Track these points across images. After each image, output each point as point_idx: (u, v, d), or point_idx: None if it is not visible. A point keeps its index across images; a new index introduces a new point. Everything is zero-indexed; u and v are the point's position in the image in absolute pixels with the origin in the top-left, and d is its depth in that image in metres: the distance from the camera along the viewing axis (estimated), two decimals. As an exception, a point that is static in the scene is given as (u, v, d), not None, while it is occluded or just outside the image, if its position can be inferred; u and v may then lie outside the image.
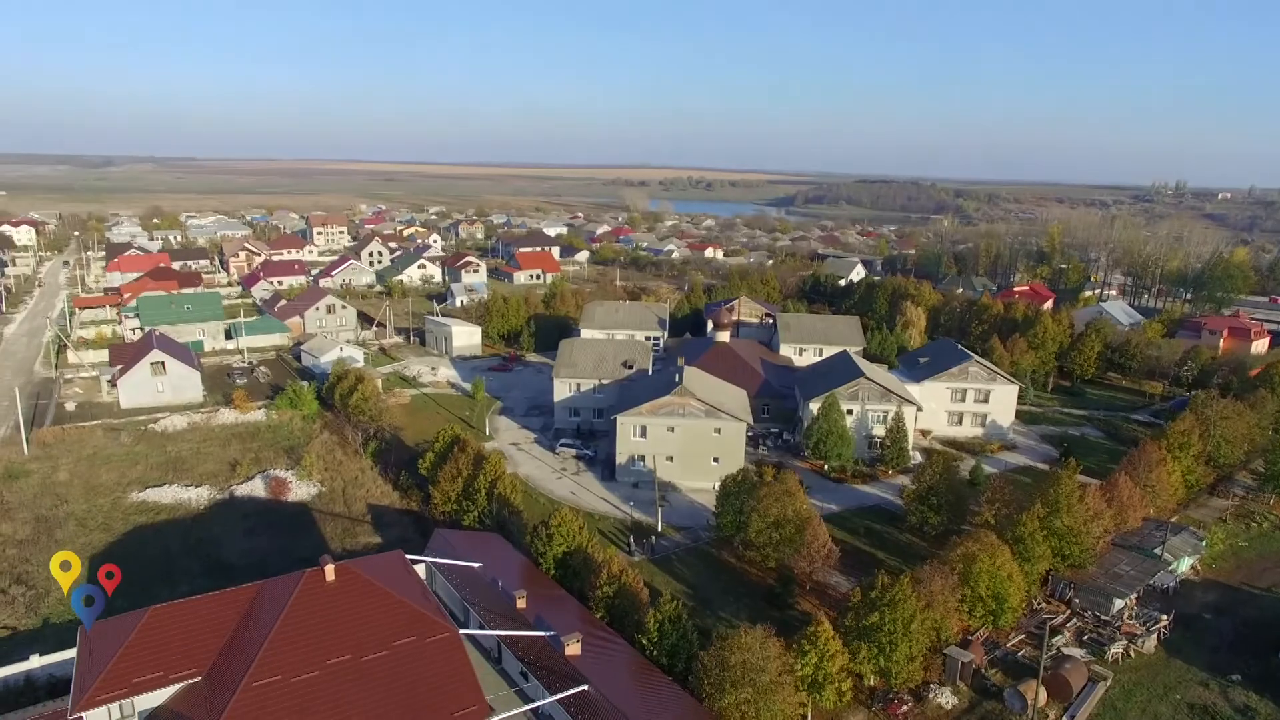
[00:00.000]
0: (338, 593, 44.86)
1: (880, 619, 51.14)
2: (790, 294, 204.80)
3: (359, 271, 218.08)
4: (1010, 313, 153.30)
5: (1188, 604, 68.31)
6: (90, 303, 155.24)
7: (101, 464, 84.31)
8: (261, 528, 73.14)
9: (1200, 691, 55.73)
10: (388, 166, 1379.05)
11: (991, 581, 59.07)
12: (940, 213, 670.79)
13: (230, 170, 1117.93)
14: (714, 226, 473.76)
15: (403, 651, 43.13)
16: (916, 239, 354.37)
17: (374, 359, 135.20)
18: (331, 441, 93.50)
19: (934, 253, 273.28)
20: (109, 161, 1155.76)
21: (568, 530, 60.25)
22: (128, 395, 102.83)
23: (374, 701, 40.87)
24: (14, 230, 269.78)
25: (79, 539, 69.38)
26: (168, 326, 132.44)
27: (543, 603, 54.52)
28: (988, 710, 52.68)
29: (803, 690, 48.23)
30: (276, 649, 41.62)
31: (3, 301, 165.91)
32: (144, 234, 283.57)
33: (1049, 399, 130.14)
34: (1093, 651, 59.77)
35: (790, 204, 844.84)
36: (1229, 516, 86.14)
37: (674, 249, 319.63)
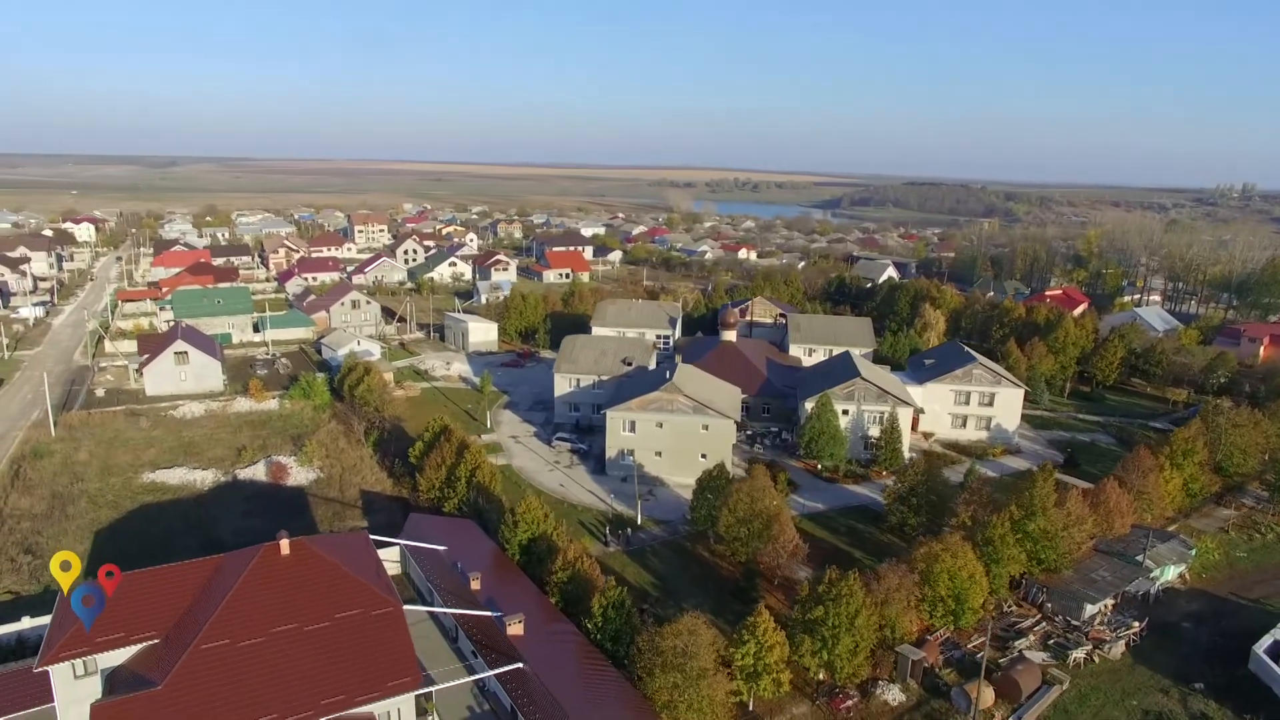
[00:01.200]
0: (291, 566, 47.39)
1: (825, 613, 51.75)
2: (815, 295, 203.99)
3: (391, 269, 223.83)
4: (1032, 317, 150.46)
5: (1168, 612, 67.06)
6: (133, 296, 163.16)
7: (119, 446, 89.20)
8: (259, 509, 76.65)
9: (1159, 698, 54.93)
10: (437, 167, 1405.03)
11: (952, 582, 59.07)
12: (989, 216, 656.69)
13: (285, 170, 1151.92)
14: (753, 228, 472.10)
15: (346, 622, 45.41)
16: (956, 242, 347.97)
17: (392, 353, 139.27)
18: (337, 430, 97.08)
19: (969, 256, 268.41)
20: (173, 162, 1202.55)
21: (532, 518, 62.07)
22: (153, 383, 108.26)
23: (313, 667, 43.17)
24: (76, 227, 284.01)
25: (89, 514, 73.82)
26: (199, 319, 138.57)
27: (499, 586, 56.48)
28: (934, 709, 52.81)
29: (740, 679, 49.29)
30: (228, 615, 44.26)
31: (55, 295, 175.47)
32: (193, 231, 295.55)
33: (1065, 404, 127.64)
34: (1056, 655, 59.24)
35: (836, 206, 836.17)
36: (1231, 527, 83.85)
37: (707, 250, 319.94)
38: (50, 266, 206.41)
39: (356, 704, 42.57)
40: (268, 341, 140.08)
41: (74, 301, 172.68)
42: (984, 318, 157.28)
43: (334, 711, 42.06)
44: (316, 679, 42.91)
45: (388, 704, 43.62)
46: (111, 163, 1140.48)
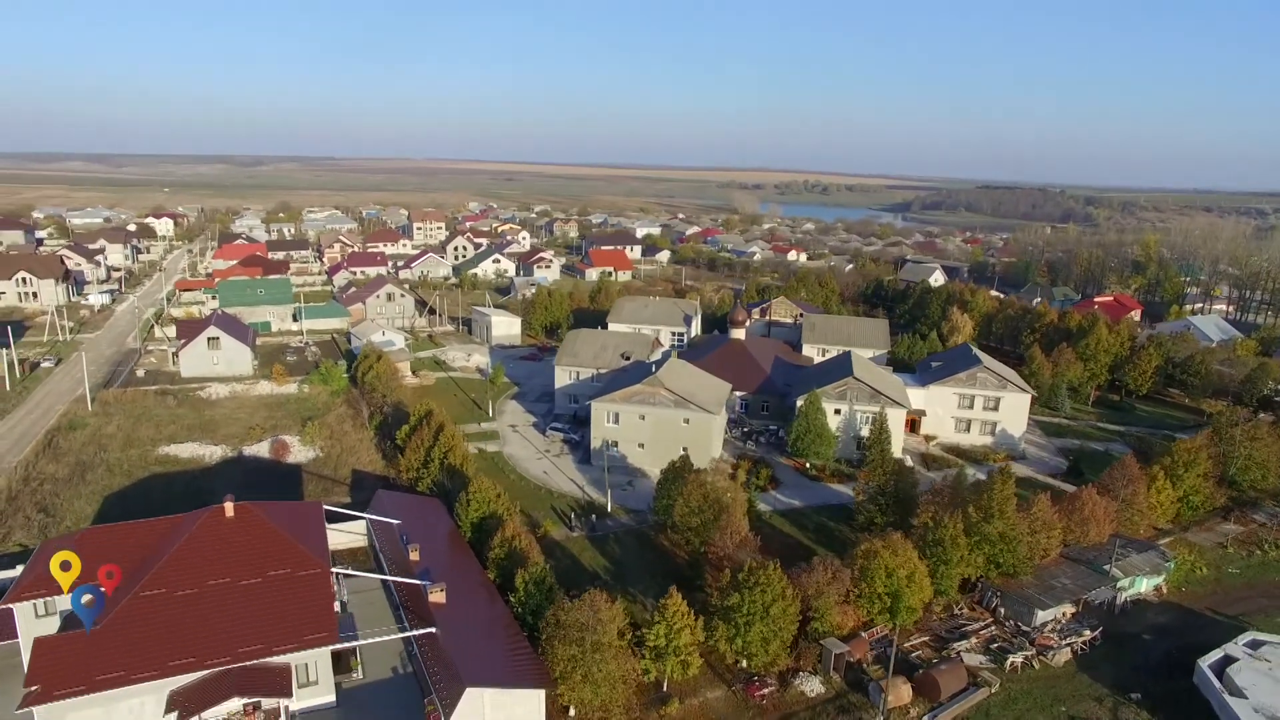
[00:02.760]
0: (233, 526, 51.45)
1: (740, 600, 52.81)
2: (852, 298, 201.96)
3: (437, 264, 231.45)
4: (1064, 322, 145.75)
5: (1132, 623, 65.26)
6: (191, 285, 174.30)
7: (145, 421, 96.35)
8: (256, 482, 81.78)
9: (1090, 706, 53.85)
10: (509, 166, 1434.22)
11: (889, 579, 59.04)
12: (1066, 221, 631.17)
13: (364, 169, 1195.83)
14: (811, 230, 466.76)
15: (275, 580, 49.13)
16: (1015, 247, 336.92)
17: (418, 344, 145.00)
18: (345, 414, 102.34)
19: (1022, 261, 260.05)
20: (260, 161, 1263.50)
21: (483, 498, 64.89)
22: (187, 365, 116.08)
23: (238, 618, 46.95)
24: (157, 222, 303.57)
25: (104, 481, 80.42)
26: (243, 308, 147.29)
27: (442, 559, 59.47)
28: (850, 702, 53.14)
29: (649, 658, 50.91)
30: (169, 568, 48.54)
31: (123, 284, 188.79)
32: (261, 226, 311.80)
33: (1088, 412, 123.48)
34: (995, 659, 58.55)
35: (906, 210, 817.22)
36: (1231, 542, 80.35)
37: (757, 251, 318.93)
38: (125, 258, 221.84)
39: (273, 653, 46.11)
40: (303, 330, 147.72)
41: (140, 290, 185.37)
42: (1015, 323, 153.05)
43: (251, 659, 45.69)
44: (240, 629, 46.66)
45: (304, 655, 47.05)
46: (205, 162, 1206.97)
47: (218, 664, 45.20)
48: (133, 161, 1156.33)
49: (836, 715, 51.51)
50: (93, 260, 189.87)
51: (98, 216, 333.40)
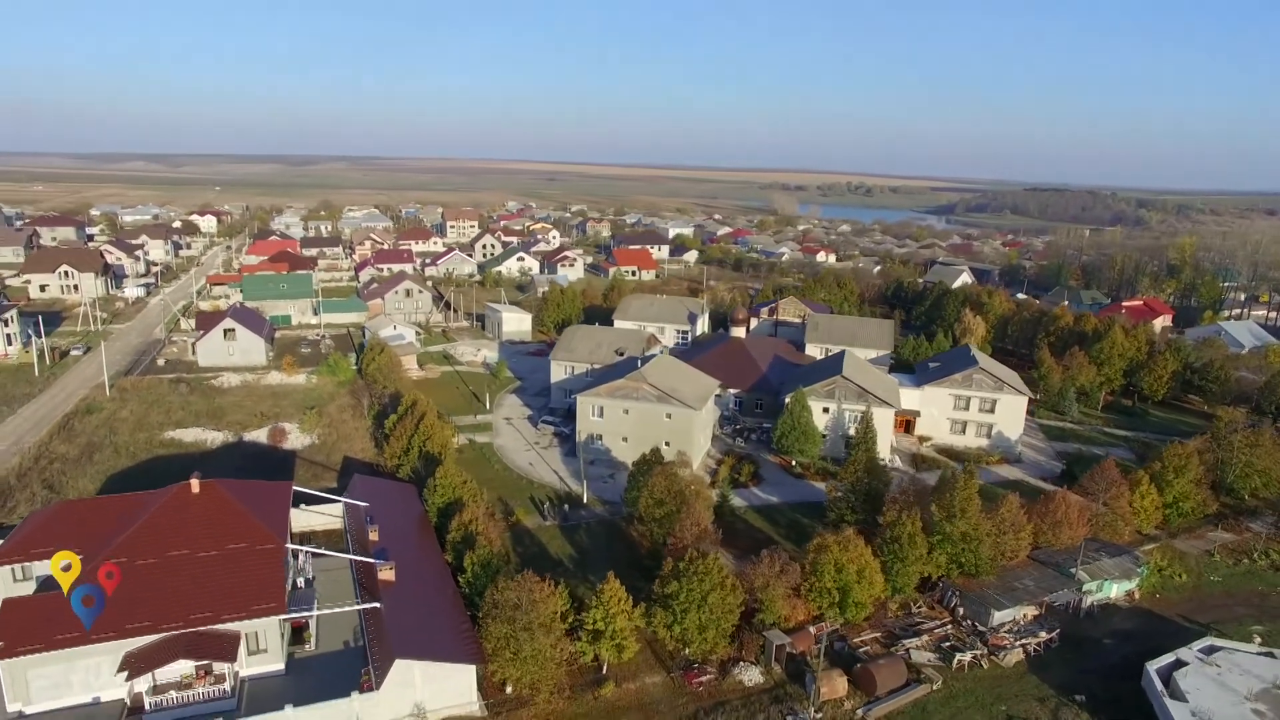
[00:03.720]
0: (197, 502, 54.34)
1: (679, 588, 53.93)
2: (871, 299, 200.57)
3: (462, 262, 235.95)
4: (1079, 325, 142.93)
5: (1096, 627, 64.55)
6: (221, 280, 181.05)
7: (157, 407, 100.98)
8: (251, 466, 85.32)
9: (1031, 706, 53.60)
10: (552, 166, 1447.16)
11: (839, 575, 59.50)
12: (1116, 224, 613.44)
13: (412, 168, 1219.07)
14: (847, 231, 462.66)
15: (231, 553, 51.82)
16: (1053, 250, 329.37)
17: (430, 338, 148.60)
18: (346, 404, 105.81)
19: (1054, 264, 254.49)
20: (311, 161, 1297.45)
21: (448, 484, 67.06)
22: (204, 355, 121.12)
23: (193, 586, 49.70)
24: (201, 219, 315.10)
25: (110, 462, 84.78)
26: (265, 301, 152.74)
27: (404, 540, 61.76)
28: (786, 693, 53.75)
29: (585, 641, 52.40)
30: (134, 539, 51.60)
31: (159, 278, 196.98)
32: (299, 224, 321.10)
33: (1096, 417, 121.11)
34: (945, 658, 58.54)
35: (950, 212, 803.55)
36: (1219, 550, 78.54)
37: (786, 252, 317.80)
38: (165, 253, 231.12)
39: (222, 620, 48.77)
40: (321, 324, 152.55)
41: (175, 284, 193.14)
42: (1031, 326, 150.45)
43: (201, 625, 48.41)
44: (194, 597, 49.41)
45: (253, 624, 49.62)
46: (259, 161, 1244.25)
47: (170, 629, 48.01)
48: (190, 161, 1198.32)
49: (770, 705, 52.22)
50: (132, 255, 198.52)
51: (147, 214, 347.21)
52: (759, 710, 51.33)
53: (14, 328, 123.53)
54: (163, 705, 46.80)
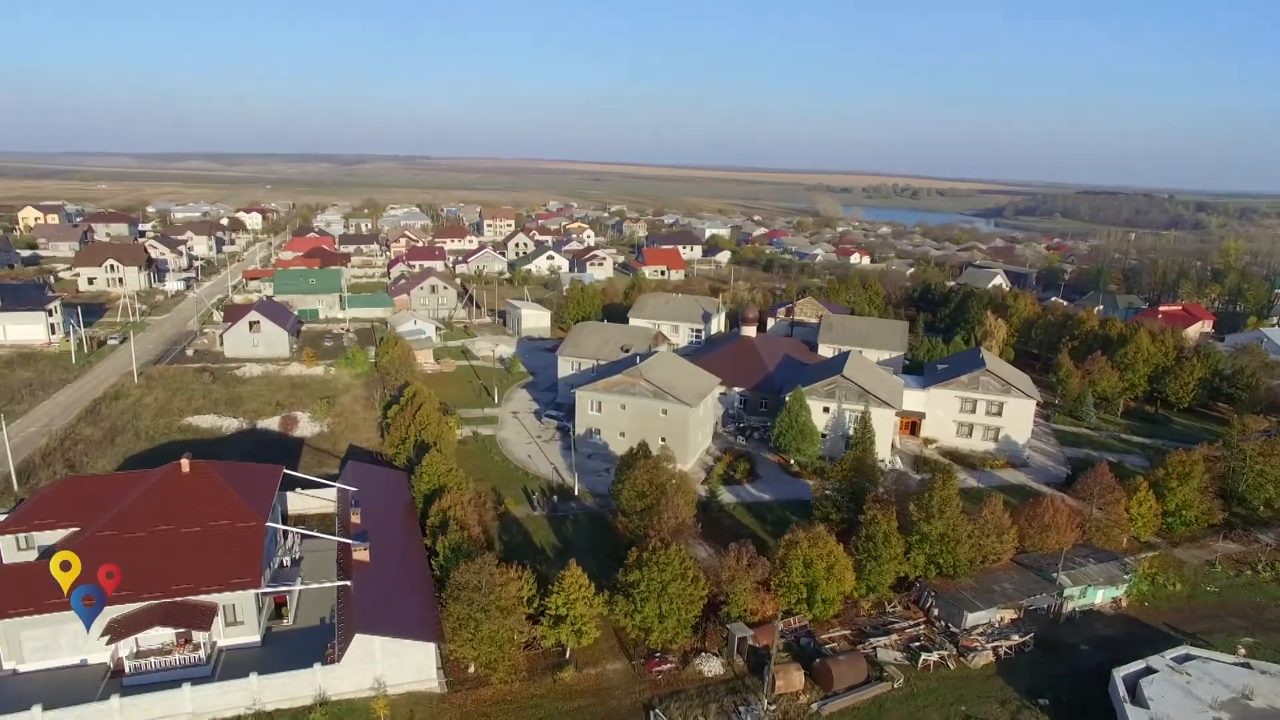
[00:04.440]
0: (187, 481, 57.28)
1: (639, 577, 54.97)
2: (898, 301, 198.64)
3: (492, 259, 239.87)
4: (1104, 330, 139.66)
5: (1075, 633, 63.61)
6: (256, 274, 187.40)
7: (180, 395, 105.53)
8: (259, 451, 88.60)
9: (991, 708, 53.25)
10: (598, 166, 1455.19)
11: (806, 570, 59.85)
12: (1172, 228, 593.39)
13: (459, 168, 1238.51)
14: (887, 233, 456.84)
15: (214, 529, 54.50)
16: (1098, 253, 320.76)
17: (452, 333, 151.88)
18: (359, 395, 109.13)
19: (1094, 268, 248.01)
20: (361, 160, 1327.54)
21: (434, 472, 69.12)
22: (230, 347, 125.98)
23: (176, 559, 52.41)
24: (246, 216, 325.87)
25: (129, 445, 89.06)
26: (295, 295, 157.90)
27: (387, 523, 64.02)
28: (743, 684, 54.24)
29: (547, 625, 53.80)
30: (125, 514, 54.62)
31: (199, 272, 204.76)
32: (339, 222, 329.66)
33: (1116, 423, 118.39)
34: (911, 657, 58.43)
35: (998, 215, 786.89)
36: (1221, 560, 76.47)
37: (820, 253, 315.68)
38: (208, 249, 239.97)
39: (200, 593, 51.42)
40: (347, 318, 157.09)
41: (215, 278, 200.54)
42: (1056, 329, 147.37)
43: (180, 595, 51.11)
44: (176, 569, 52.16)
45: (229, 597, 52.21)
46: (311, 160, 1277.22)
47: (152, 598, 50.79)
48: (245, 161, 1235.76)
49: (725, 695, 52.89)
50: (175, 250, 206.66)
51: (197, 211, 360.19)
52: (713, 700, 52.05)
53: (57, 318, 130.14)
54: (141, 669, 49.55)
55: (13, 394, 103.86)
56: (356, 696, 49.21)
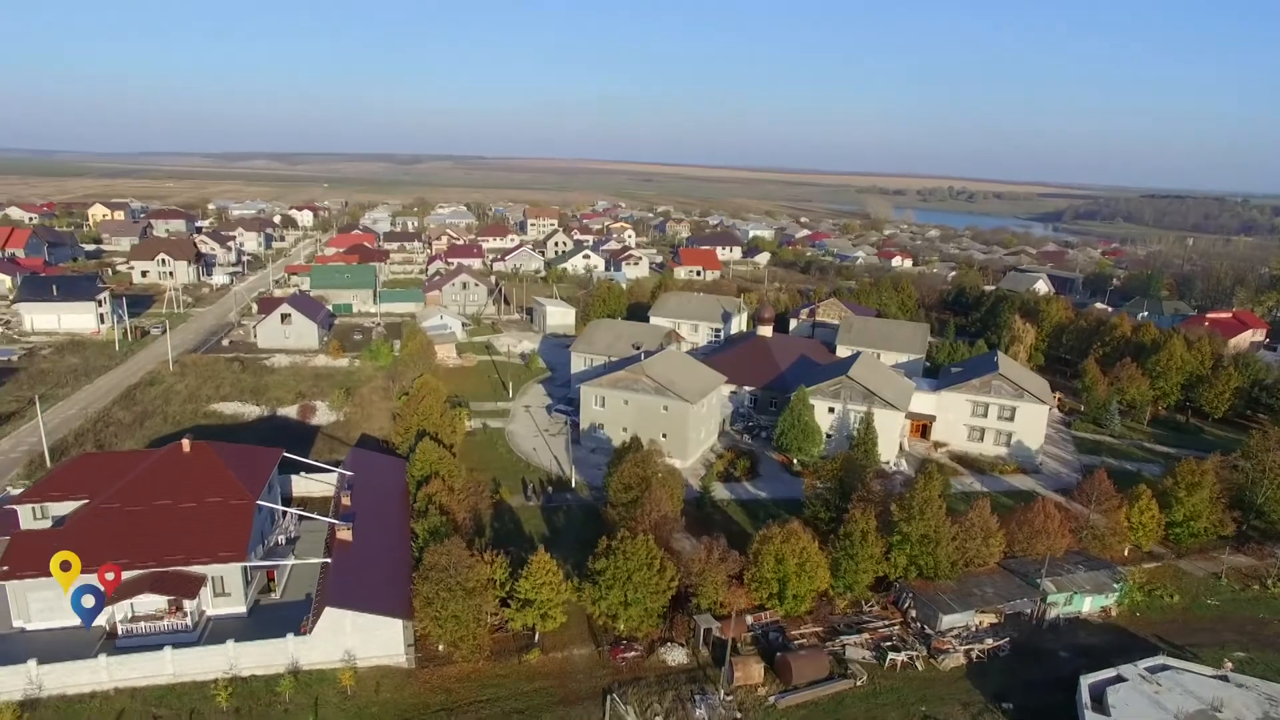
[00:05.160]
0: (187, 460, 60.72)
1: (606, 565, 56.30)
2: (931, 304, 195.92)
3: (529, 258, 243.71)
4: (1137, 336, 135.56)
5: (1057, 640, 62.72)
6: (297, 269, 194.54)
7: (210, 382, 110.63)
8: (276, 438, 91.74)
9: (953, 710, 52.98)
10: (650, 167, 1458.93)
11: (778, 566, 60.34)
12: (1243, 233, 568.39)
13: (512, 168, 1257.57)
14: (935, 237, 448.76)
15: (207, 505, 57.72)
16: (1156, 259, 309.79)
17: (479, 329, 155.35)
18: (379, 386, 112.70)
19: (1143, 274, 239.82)
20: (418, 159, 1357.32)
21: (426, 460, 71.54)
22: (263, 337, 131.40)
23: (170, 532, 55.67)
24: (298, 214, 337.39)
25: (157, 428, 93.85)
26: (330, 290, 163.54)
27: (378, 507, 66.65)
28: (705, 674, 55.06)
29: (515, 608, 55.56)
30: (128, 488, 58.24)
31: (245, 266, 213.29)
32: (386, 220, 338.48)
33: (1142, 432, 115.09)
34: (880, 657, 58.42)
35: (1057, 220, 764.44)
36: (1228, 573, 74.15)
37: (860, 256, 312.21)
38: (258, 244, 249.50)
39: (190, 564, 54.56)
40: (379, 313, 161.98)
41: (260, 273, 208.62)
42: (1088, 335, 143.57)
43: (172, 565, 54.32)
44: (169, 540, 55.43)
45: (217, 569, 55.24)
46: (369, 160, 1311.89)
47: (145, 566, 54.14)
48: (307, 160, 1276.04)
49: (685, 684, 53.82)
50: (225, 245, 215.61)
51: (253, 208, 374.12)
52: (670, 688, 53.06)
53: (106, 308, 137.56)
54: (133, 632, 52.82)
55: (60, 379, 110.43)
56: (327, 667, 51.66)
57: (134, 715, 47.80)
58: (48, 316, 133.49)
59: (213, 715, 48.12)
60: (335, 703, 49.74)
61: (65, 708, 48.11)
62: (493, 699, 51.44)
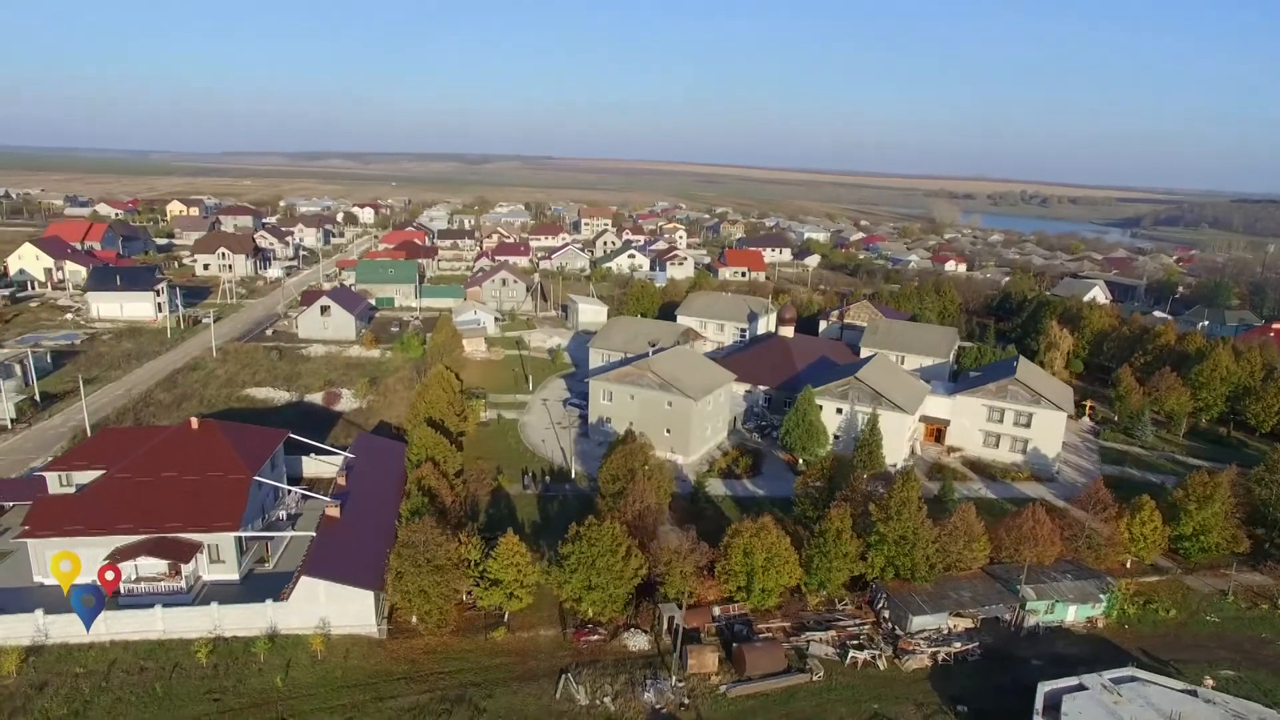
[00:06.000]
0: (194, 437, 65.22)
1: (572, 550, 58.16)
2: (975, 309, 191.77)
3: (575, 256, 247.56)
4: (1182, 345, 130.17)
5: (1034, 648, 61.77)
6: (348, 264, 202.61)
7: (247, 369, 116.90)
8: (300, 422, 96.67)
9: (905, 709, 52.93)
10: (715, 169, 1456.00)
11: (746, 559, 61.15)
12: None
13: (577, 168, 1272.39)
14: (998, 241, 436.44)
15: (208, 478, 61.92)
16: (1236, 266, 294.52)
17: (514, 324, 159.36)
18: (404, 376, 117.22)
19: (1211, 281, 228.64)
20: (486, 159, 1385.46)
21: (422, 445, 74.70)
22: (303, 328, 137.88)
23: (173, 501, 59.89)
24: (361, 211, 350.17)
25: (192, 409, 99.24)
26: (374, 284, 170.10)
27: (372, 487, 70.12)
28: (663, 661, 56.32)
29: (484, 586, 57.95)
30: (139, 461, 62.92)
31: (301, 261, 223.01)
32: (443, 218, 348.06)
33: (1177, 443, 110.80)
34: (842, 654, 58.63)
35: (1136, 225, 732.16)
36: (1238, 592, 71.37)
37: (913, 260, 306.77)
38: (316, 240, 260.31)
39: (188, 531, 58.69)
40: (419, 307, 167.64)
41: (315, 267, 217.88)
42: (1130, 342, 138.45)
43: (171, 532, 58.53)
44: (171, 510, 59.69)
45: (212, 537, 59.26)
46: (440, 159, 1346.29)
47: (147, 532, 58.53)
48: (378, 160, 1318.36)
49: (641, 668, 55.23)
50: (283, 240, 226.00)
51: (319, 205, 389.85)
52: (625, 671, 54.55)
53: (163, 298, 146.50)
54: (134, 592, 57.25)
55: (113, 362, 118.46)
56: (303, 633, 54.96)
57: (125, 665, 51.93)
58: (111, 305, 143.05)
59: (194, 670, 51.91)
60: (306, 665, 52.97)
61: (66, 655, 52.60)
62: (454, 671, 53.90)
